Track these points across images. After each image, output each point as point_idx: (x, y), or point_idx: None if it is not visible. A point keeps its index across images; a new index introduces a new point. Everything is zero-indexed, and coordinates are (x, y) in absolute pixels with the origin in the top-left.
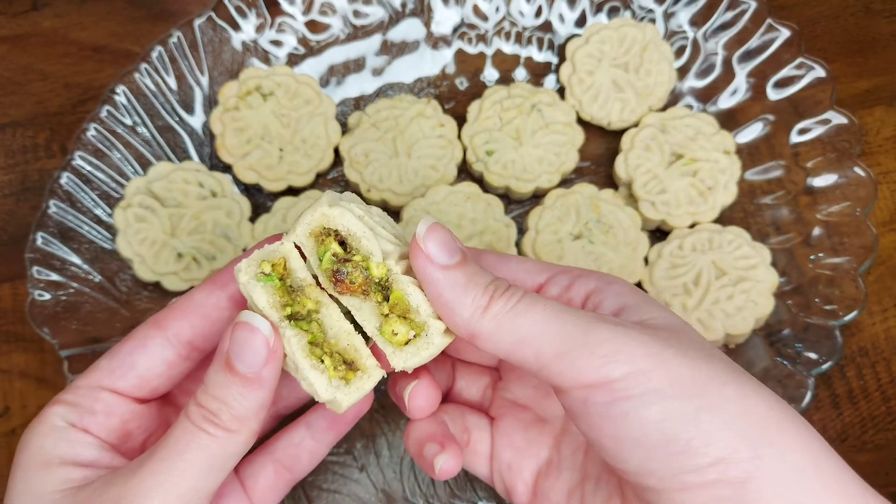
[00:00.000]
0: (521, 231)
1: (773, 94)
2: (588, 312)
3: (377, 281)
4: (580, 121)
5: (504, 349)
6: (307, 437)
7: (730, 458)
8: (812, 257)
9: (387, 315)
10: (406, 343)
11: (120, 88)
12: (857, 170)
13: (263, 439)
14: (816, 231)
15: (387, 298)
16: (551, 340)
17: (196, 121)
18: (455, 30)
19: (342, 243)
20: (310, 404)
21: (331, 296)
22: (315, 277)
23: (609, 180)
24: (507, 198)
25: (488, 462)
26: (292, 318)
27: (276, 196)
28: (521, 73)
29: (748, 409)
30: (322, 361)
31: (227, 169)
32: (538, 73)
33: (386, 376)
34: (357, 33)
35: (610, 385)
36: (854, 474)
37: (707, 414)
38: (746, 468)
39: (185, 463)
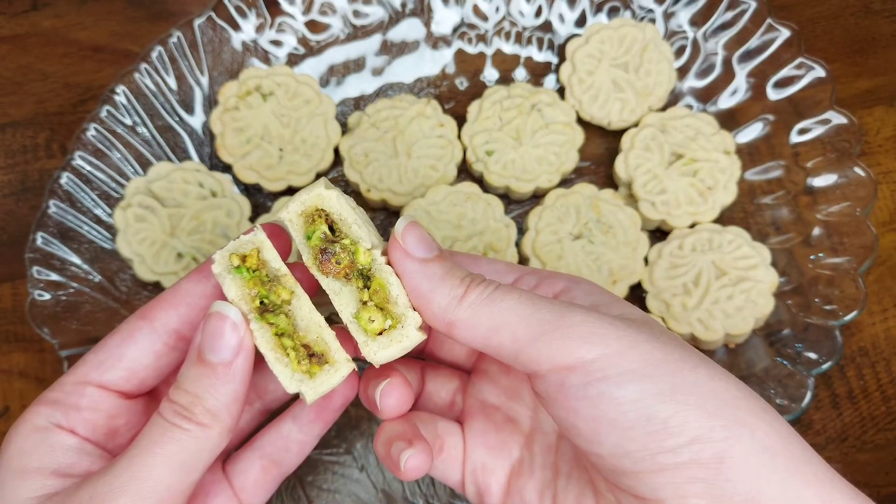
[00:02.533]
0: (521, 231)
1: (773, 94)
2: (561, 301)
3: (360, 268)
4: (580, 121)
5: (480, 336)
6: (294, 430)
7: (704, 438)
8: (812, 257)
9: (365, 303)
10: (379, 334)
11: (120, 88)
12: (857, 170)
13: (253, 435)
14: (816, 231)
15: (367, 287)
16: (527, 324)
17: (196, 121)
18: (455, 30)
19: (331, 228)
20: (297, 396)
21: (307, 286)
22: (289, 266)
23: (609, 180)
24: (507, 198)
25: (460, 466)
26: (263, 309)
27: (276, 196)
28: (521, 73)
29: (719, 390)
30: (287, 355)
31: (227, 169)
32: (538, 73)
33: (357, 370)
34: (357, 33)
35: (585, 367)
36: (820, 457)
37: (682, 393)
38: (721, 447)
39: (156, 458)
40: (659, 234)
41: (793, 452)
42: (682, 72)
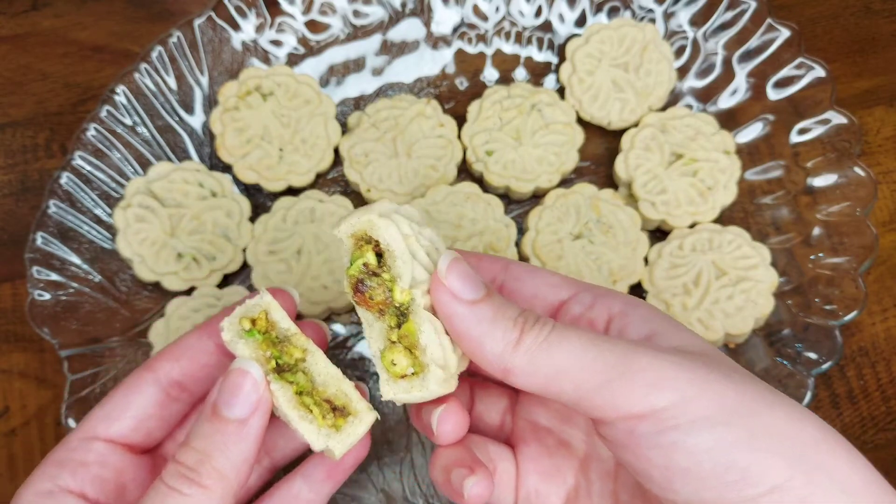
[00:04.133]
0: (521, 231)
1: (773, 94)
2: (624, 340)
3: (397, 305)
4: (580, 121)
5: (539, 383)
6: (304, 489)
7: (785, 487)
8: (812, 257)
9: (394, 342)
10: (402, 377)
11: (120, 88)
12: (857, 170)
13: (259, 494)
14: (816, 231)
15: (400, 326)
16: (591, 371)
17: (196, 121)
18: (455, 30)
19: (379, 255)
20: (306, 454)
21: (317, 341)
22: (298, 324)
23: (609, 180)
24: (507, 198)
25: (513, 493)
26: (279, 369)
27: (276, 196)
28: (521, 73)
29: (798, 432)
30: (311, 411)
31: (227, 169)
32: (538, 73)
33: (378, 419)
34: (357, 33)
35: (656, 415)
36: None
37: (759, 440)
38: (801, 494)
39: None
40: (659, 234)
41: (872, 492)
42: (682, 72)
